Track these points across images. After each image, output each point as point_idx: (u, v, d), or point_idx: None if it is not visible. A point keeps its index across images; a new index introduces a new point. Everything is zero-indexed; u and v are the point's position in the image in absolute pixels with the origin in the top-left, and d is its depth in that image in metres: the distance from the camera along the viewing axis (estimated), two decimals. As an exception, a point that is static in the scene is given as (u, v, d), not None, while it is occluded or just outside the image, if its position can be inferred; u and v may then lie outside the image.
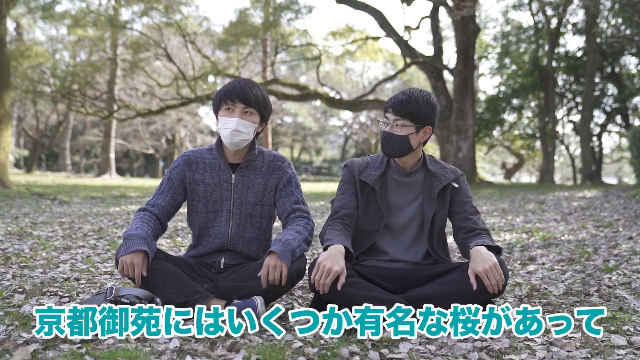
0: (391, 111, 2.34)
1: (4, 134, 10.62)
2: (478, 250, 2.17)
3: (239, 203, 2.51)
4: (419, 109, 2.31)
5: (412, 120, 2.32)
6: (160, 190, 2.51)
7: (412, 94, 2.34)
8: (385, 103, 2.41)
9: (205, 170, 2.51)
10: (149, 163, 42.03)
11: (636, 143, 8.34)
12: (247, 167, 2.52)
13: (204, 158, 2.53)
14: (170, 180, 2.52)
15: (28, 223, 5.82)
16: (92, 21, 17.75)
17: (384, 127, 2.38)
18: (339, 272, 2.10)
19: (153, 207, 2.47)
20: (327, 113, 38.96)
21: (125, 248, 2.23)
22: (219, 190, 2.51)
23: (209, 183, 2.51)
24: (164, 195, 2.50)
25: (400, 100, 2.33)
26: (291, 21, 17.43)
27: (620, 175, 43.48)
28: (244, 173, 2.52)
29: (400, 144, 2.34)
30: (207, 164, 2.52)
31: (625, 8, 13.47)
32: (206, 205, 2.52)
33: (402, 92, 2.37)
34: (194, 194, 2.53)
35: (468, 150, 13.94)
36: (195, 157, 2.54)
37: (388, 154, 2.39)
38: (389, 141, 2.35)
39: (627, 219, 5.75)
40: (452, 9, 13.53)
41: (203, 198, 2.52)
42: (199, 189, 2.52)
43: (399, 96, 2.35)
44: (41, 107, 29.87)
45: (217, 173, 2.51)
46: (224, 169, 2.51)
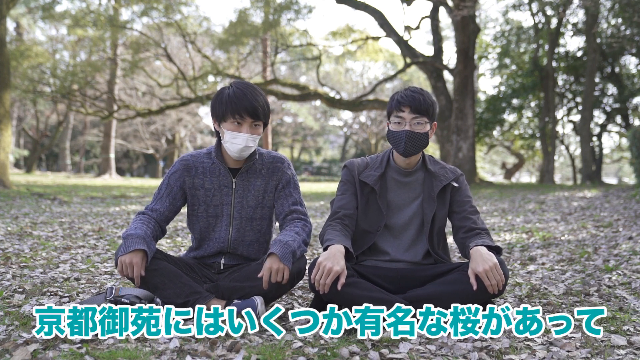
0: (408, 110, 2.31)
1: (4, 134, 10.62)
2: (478, 251, 2.17)
3: (240, 207, 2.50)
4: (433, 105, 2.34)
5: (427, 117, 2.33)
6: (159, 196, 2.49)
7: (422, 91, 2.35)
8: (392, 102, 2.37)
9: (205, 175, 2.49)
10: (149, 163, 42.03)
11: (636, 143, 8.34)
12: (247, 172, 2.50)
13: (203, 162, 2.50)
14: (169, 186, 2.49)
15: (28, 223, 5.82)
16: (92, 21, 17.75)
17: (400, 127, 2.34)
18: (340, 272, 2.10)
19: (152, 212, 2.45)
20: (327, 113, 38.95)
21: (124, 248, 2.22)
22: (220, 195, 2.49)
23: (209, 188, 2.49)
24: (163, 201, 2.48)
25: (417, 98, 2.31)
26: (291, 21, 17.43)
27: (620, 175, 43.47)
28: (244, 177, 2.50)
29: (422, 141, 2.35)
30: (206, 168, 2.49)
31: (625, 8, 13.47)
32: (207, 210, 2.50)
33: (410, 90, 2.35)
34: (194, 198, 2.51)
35: (468, 150, 13.94)
36: (194, 161, 2.50)
37: (409, 153, 2.36)
38: (412, 140, 2.32)
39: (627, 219, 5.75)
40: (452, 9, 13.53)
41: (203, 203, 2.50)
42: (199, 194, 2.50)
43: (412, 94, 2.32)
44: (41, 107, 29.86)
45: (217, 178, 2.49)
46: (224, 173, 2.49)
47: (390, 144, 2.42)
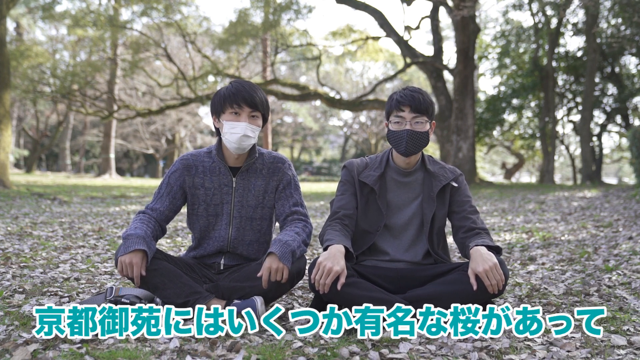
0: (408, 109, 2.32)
1: (4, 133, 10.62)
2: (478, 251, 2.17)
3: (240, 207, 2.50)
4: (432, 104, 2.36)
5: (427, 116, 2.35)
6: (160, 195, 2.49)
7: (421, 91, 2.37)
8: (391, 102, 2.37)
9: (205, 174, 2.49)
10: (149, 163, 42.03)
11: (636, 143, 8.34)
12: (247, 171, 2.50)
13: (203, 162, 2.51)
14: (169, 185, 2.50)
15: (28, 223, 5.82)
16: (92, 21, 17.74)
17: (401, 127, 2.34)
18: (340, 272, 2.10)
19: (152, 212, 2.46)
20: (327, 113, 38.95)
21: (124, 248, 2.22)
22: (220, 194, 2.49)
23: (209, 187, 2.49)
24: (163, 200, 2.48)
25: (416, 97, 2.32)
26: (291, 21, 17.42)
27: (620, 175, 43.46)
28: (244, 176, 2.50)
29: (423, 140, 2.36)
30: (206, 167, 2.50)
31: (625, 8, 13.46)
32: (207, 209, 2.51)
33: (409, 89, 2.36)
34: (194, 198, 2.51)
35: (468, 150, 13.94)
36: (194, 160, 2.51)
37: (410, 152, 2.37)
38: (414, 139, 2.33)
39: (627, 219, 5.75)
40: (452, 9, 13.53)
41: (203, 202, 2.50)
42: (199, 193, 2.50)
43: (411, 93, 2.33)
44: (41, 107, 29.85)
45: (217, 177, 2.49)
46: (224, 172, 2.49)
47: (391, 144, 2.42)
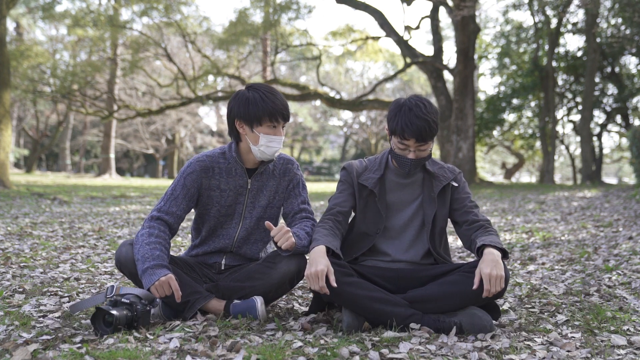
0: (413, 140, 2.29)
1: (4, 133, 10.62)
2: (492, 254, 2.15)
3: (252, 207, 2.50)
4: (436, 129, 2.31)
5: (431, 140, 2.33)
6: (174, 197, 2.42)
7: (426, 116, 2.26)
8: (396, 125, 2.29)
9: (221, 176, 2.46)
10: (149, 163, 42.02)
11: (636, 143, 8.34)
12: (262, 173, 2.51)
13: (219, 163, 2.47)
14: (186, 187, 2.43)
15: (28, 223, 5.82)
16: (92, 21, 17.74)
17: (405, 153, 2.33)
18: (324, 270, 2.10)
19: (168, 216, 2.39)
20: (327, 113, 38.93)
21: (149, 278, 2.20)
22: (234, 195, 2.48)
23: (225, 189, 2.47)
24: (179, 203, 2.42)
25: (423, 129, 2.25)
26: (291, 21, 17.43)
27: (620, 175, 43.45)
28: (259, 178, 2.50)
29: (426, 159, 2.39)
30: (222, 169, 2.47)
31: (625, 8, 13.47)
32: (219, 210, 2.49)
33: (414, 115, 2.26)
34: (208, 199, 2.48)
35: (468, 150, 13.94)
36: (211, 162, 2.47)
37: (413, 173, 2.44)
38: (417, 165, 2.37)
39: (627, 219, 5.75)
40: (452, 9, 13.53)
41: (217, 203, 2.48)
42: (214, 195, 2.47)
43: (417, 122, 2.25)
44: (41, 107, 29.84)
45: (233, 178, 2.47)
46: (240, 174, 2.47)
47: (393, 159, 2.42)
